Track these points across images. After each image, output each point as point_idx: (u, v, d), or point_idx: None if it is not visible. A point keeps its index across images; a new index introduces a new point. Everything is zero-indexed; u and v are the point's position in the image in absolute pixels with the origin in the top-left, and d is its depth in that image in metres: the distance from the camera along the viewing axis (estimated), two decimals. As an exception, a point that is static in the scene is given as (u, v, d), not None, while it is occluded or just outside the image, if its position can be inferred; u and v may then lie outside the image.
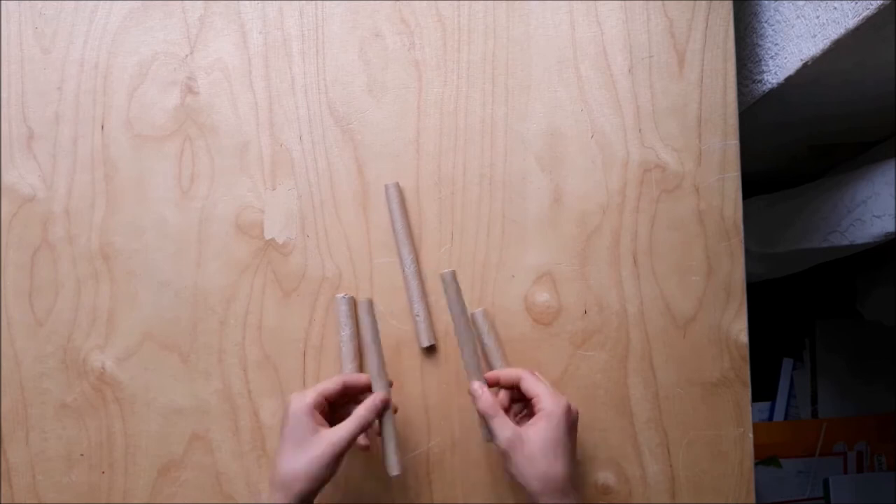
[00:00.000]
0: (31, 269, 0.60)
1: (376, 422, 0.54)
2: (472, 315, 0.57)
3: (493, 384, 0.55)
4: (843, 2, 0.52)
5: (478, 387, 0.54)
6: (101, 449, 0.59)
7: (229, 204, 0.60)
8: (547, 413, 0.51)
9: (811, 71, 0.59)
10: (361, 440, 0.55)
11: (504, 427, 0.51)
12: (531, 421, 0.52)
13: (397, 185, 0.59)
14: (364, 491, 0.59)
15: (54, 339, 0.60)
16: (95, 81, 0.60)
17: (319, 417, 0.52)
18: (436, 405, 0.59)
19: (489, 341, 0.58)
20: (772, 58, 0.64)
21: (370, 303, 0.55)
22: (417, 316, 0.58)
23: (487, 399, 0.53)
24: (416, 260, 0.59)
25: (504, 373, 0.56)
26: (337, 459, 0.50)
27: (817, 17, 0.56)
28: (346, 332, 0.58)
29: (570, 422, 0.51)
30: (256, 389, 0.59)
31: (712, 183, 0.60)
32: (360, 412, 0.52)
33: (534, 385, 0.53)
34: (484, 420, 0.53)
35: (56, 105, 0.60)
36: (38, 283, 0.60)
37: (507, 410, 0.54)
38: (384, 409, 0.53)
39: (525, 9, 0.60)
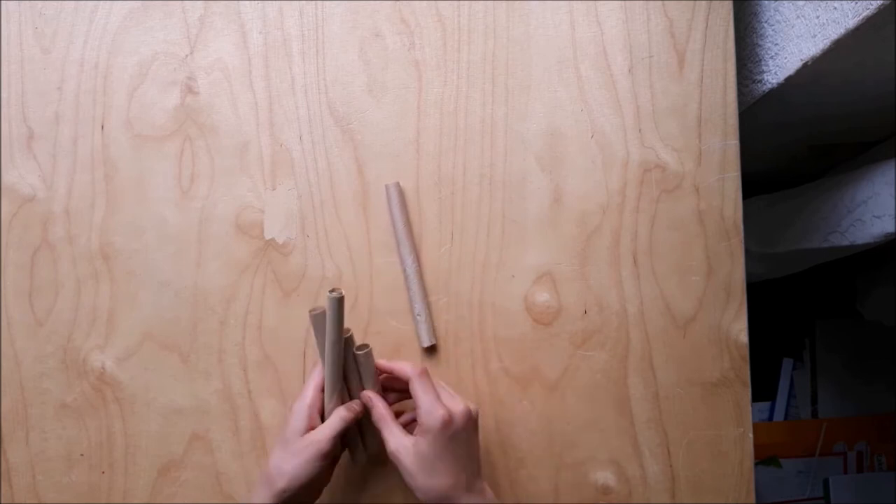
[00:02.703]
0: (31, 269, 0.60)
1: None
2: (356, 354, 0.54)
3: (388, 378, 0.55)
4: (843, 2, 0.52)
5: (371, 395, 0.53)
6: (101, 449, 0.59)
7: (229, 204, 0.60)
8: (423, 429, 0.50)
9: (811, 71, 0.59)
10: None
11: (390, 437, 0.51)
12: (415, 432, 0.51)
13: (398, 185, 0.59)
14: (364, 491, 0.59)
15: (54, 339, 0.60)
16: (95, 81, 0.60)
17: (315, 418, 0.52)
18: (436, 405, 0.59)
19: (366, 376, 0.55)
20: (772, 58, 0.64)
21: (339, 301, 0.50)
22: (419, 316, 0.58)
23: (379, 409, 0.53)
24: (417, 260, 0.59)
25: (397, 366, 0.54)
26: (320, 459, 0.50)
27: (817, 17, 0.56)
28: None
29: (451, 433, 0.49)
30: (256, 389, 0.59)
31: (712, 183, 0.60)
32: (341, 412, 0.52)
33: (417, 392, 0.51)
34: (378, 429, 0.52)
35: (56, 105, 0.60)
36: (38, 283, 0.60)
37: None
38: (363, 411, 0.53)
39: (525, 9, 0.60)
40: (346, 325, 0.51)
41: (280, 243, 0.60)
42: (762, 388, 1.20)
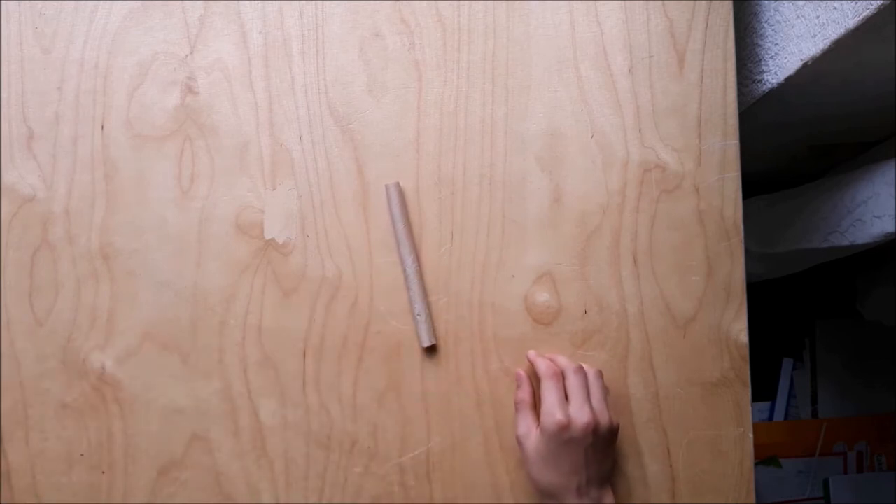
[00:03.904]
0: (31, 269, 0.60)
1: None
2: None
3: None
4: (843, 2, 0.52)
5: (523, 376, 0.57)
6: (101, 449, 0.59)
7: (229, 204, 0.60)
8: (541, 427, 0.54)
9: (811, 71, 0.59)
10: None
11: (522, 422, 0.55)
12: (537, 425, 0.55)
13: (398, 185, 0.59)
14: (364, 490, 0.59)
15: (54, 339, 0.60)
16: (95, 81, 0.60)
17: None
18: (436, 405, 0.59)
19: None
20: (772, 58, 0.64)
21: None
22: (419, 316, 0.58)
23: (524, 391, 0.57)
24: (417, 260, 0.59)
25: (537, 362, 0.57)
26: None
27: (817, 17, 0.56)
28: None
29: (565, 439, 0.52)
30: (256, 389, 0.59)
31: (712, 183, 0.60)
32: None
33: (543, 392, 0.55)
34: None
35: (56, 105, 0.60)
36: (38, 283, 0.60)
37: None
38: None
39: (525, 9, 0.60)
40: (346, 325, 0.52)
41: (280, 243, 0.60)
42: (762, 388, 1.20)
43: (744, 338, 0.59)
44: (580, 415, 0.53)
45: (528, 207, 0.60)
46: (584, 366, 0.57)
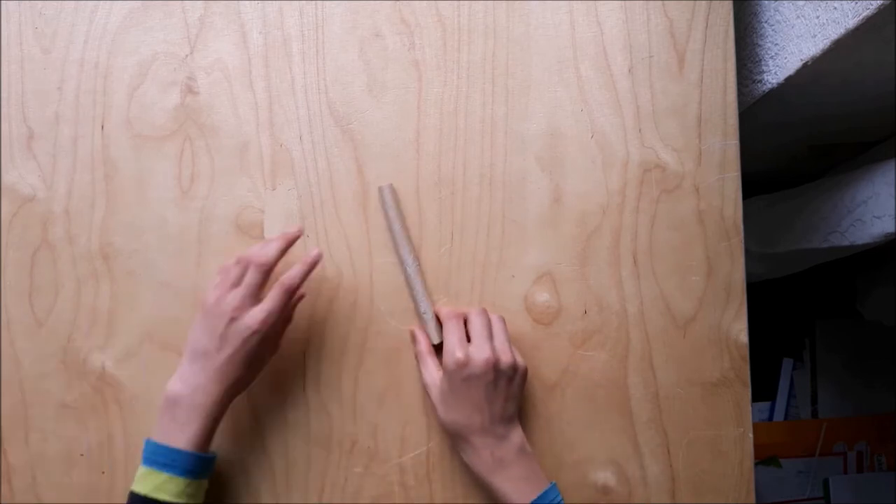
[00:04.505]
0: (31, 269, 0.60)
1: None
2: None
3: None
4: (843, 2, 0.52)
5: (415, 330, 0.59)
6: (101, 449, 0.59)
7: (229, 204, 0.60)
8: (443, 366, 0.55)
9: (811, 71, 0.59)
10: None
11: (425, 371, 0.58)
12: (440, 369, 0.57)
13: (391, 187, 0.59)
14: (364, 491, 0.59)
15: (54, 339, 0.60)
16: (95, 81, 0.60)
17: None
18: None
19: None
20: (772, 58, 0.64)
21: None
22: (425, 314, 0.58)
23: (420, 343, 0.58)
24: (417, 259, 0.59)
25: (440, 310, 0.58)
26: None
27: (817, 17, 0.56)
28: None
29: (464, 375, 0.53)
30: (256, 389, 0.59)
31: (712, 183, 0.60)
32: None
33: (445, 332, 0.56)
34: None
35: (56, 105, 0.60)
36: (38, 283, 0.60)
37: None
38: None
39: (525, 9, 0.60)
40: (347, 325, 0.52)
41: (280, 243, 0.60)
42: (762, 388, 1.20)
43: (744, 338, 0.59)
44: (479, 352, 0.54)
45: (528, 207, 0.60)
46: (485, 309, 0.58)
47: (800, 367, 1.22)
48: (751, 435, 0.59)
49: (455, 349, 0.54)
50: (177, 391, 0.52)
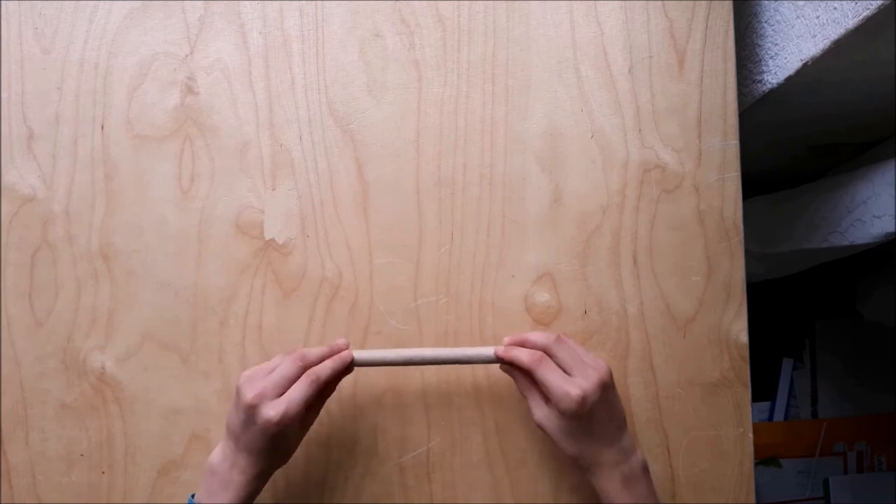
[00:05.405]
0: (31, 269, 0.60)
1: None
2: None
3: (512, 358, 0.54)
4: (843, 2, 0.52)
5: (508, 369, 0.55)
6: (101, 449, 0.59)
7: (229, 204, 0.60)
8: (560, 409, 0.51)
9: (811, 71, 0.59)
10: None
11: (535, 408, 0.53)
12: (551, 406, 0.52)
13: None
14: (364, 491, 0.59)
15: (54, 339, 0.60)
16: (95, 81, 0.60)
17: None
18: (436, 405, 0.59)
19: None
20: (772, 58, 0.64)
21: None
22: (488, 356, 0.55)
23: (521, 381, 0.54)
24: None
25: (519, 358, 0.53)
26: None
27: (817, 17, 0.56)
28: None
29: (588, 409, 0.50)
30: (256, 389, 0.59)
31: (712, 183, 0.60)
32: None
33: (542, 379, 0.52)
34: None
35: (56, 105, 0.60)
36: (38, 283, 0.60)
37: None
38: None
39: (525, 9, 0.60)
40: (346, 325, 0.52)
41: (280, 243, 0.60)
42: (762, 388, 1.20)
43: (744, 338, 0.59)
44: (589, 380, 0.51)
45: (528, 207, 0.60)
46: (559, 334, 0.54)
47: (800, 368, 1.22)
48: (751, 435, 0.59)
49: (567, 388, 0.50)
50: (214, 464, 0.52)
